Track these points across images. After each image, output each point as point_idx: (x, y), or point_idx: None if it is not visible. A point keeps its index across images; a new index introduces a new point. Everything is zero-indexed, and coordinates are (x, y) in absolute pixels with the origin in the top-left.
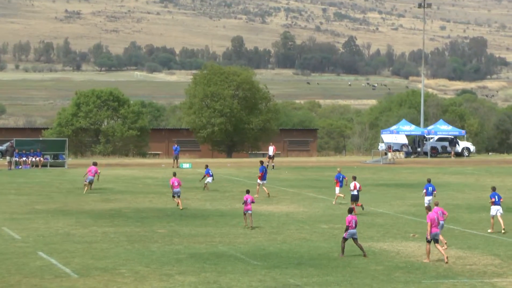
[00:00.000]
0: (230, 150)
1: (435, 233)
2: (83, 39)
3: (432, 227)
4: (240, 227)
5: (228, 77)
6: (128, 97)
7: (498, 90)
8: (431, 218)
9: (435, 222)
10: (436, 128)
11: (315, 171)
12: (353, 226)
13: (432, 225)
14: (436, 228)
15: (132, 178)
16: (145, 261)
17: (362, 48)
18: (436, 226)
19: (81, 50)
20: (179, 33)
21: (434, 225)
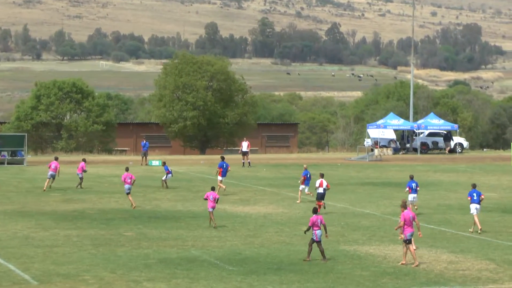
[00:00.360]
0: (203, 146)
1: (410, 233)
2: (44, 26)
3: (407, 226)
4: (214, 230)
5: (201, 67)
6: (93, 88)
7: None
8: (406, 217)
9: (409, 222)
10: (427, 122)
11: (295, 168)
12: (318, 226)
13: (405, 224)
14: (411, 228)
15: (97, 177)
16: (110, 267)
17: (347, 36)
18: (411, 225)
19: (41, 37)
20: (148, 19)
21: (408, 224)
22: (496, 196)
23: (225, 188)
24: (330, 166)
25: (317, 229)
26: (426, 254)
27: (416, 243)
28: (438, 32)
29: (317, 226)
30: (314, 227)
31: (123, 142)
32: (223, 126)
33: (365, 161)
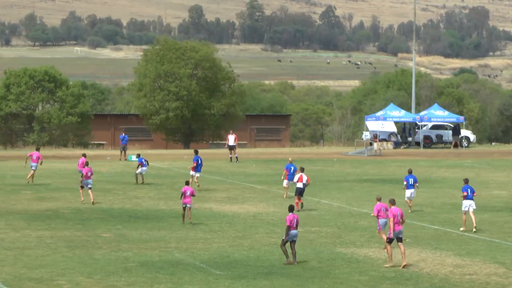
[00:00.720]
0: (187, 140)
1: (398, 231)
2: (13, 9)
3: (395, 224)
4: (199, 231)
5: (185, 53)
6: (67, 77)
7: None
8: (394, 214)
9: (397, 219)
10: (430, 114)
11: None
12: (293, 227)
13: (394, 221)
14: (400, 225)
15: (72, 173)
16: (87, 271)
17: (343, 20)
18: (399, 222)
19: (10, 21)
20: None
21: (396, 221)
22: (505, 194)
23: (198, 184)
24: (325, 161)
25: (292, 229)
26: (430, 257)
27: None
28: (442, 16)
29: (293, 226)
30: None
31: (100, 135)
32: (209, 118)
33: (363, 156)
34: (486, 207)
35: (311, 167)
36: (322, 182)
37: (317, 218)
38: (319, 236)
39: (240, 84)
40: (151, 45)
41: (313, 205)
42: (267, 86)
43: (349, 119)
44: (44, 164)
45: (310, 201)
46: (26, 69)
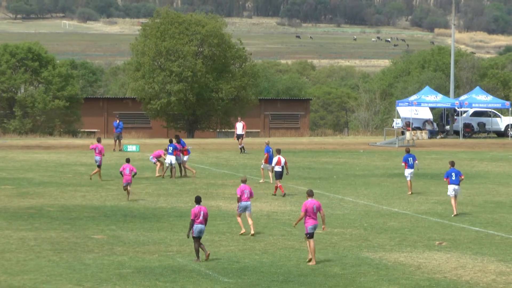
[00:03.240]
0: (191, 128)
1: (313, 226)
2: None
3: (309, 218)
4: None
5: (190, 28)
6: (54, 55)
7: None
8: (307, 207)
9: (312, 212)
10: (471, 99)
11: (307, 156)
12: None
13: (307, 215)
14: (314, 220)
15: (58, 165)
16: (76, 278)
17: None
18: (315, 217)
19: None
20: None
21: (310, 215)
22: None
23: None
24: (350, 153)
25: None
26: (469, 263)
27: (456, 249)
28: None
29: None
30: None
31: (91, 121)
32: (216, 103)
33: (394, 146)
34: None
35: (334, 159)
36: (347, 176)
37: (341, 218)
38: (343, 238)
39: (252, 63)
40: (151, 18)
41: (336, 203)
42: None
43: (377, 105)
44: (27, 155)
45: (333, 199)
46: (6, 45)
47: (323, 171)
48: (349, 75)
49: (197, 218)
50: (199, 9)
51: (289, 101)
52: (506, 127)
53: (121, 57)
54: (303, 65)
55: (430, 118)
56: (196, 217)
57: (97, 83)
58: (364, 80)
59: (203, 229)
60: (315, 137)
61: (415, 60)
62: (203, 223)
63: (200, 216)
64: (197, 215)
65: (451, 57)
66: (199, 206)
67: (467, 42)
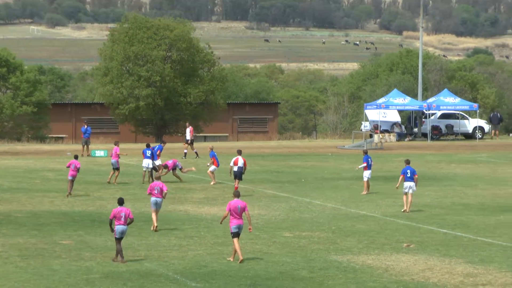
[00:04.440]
0: (160, 132)
1: (237, 226)
2: None
3: (233, 218)
4: (173, 237)
5: (158, 32)
6: (21, 60)
7: None
8: (232, 207)
9: (236, 212)
10: (439, 101)
11: (275, 159)
12: (238, 215)
13: (231, 215)
14: (238, 220)
15: (26, 171)
16: (44, 284)
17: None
18: (239, 217)
19: None
20: None
21: (234, 215)
22: None
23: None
24: (318, 156)
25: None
26: (437, 265)
27: (423, 251)
28: None
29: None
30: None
31: (59, 127)
32: (185, 107)
33: (363, 149)
34: (503, 207)
35: (303, 163)
36: (315, 180)
37: (309, 221)
38: (311, 242)
39: (221, 67)
40: (119, 23)
41: (305, 206)
42: (252, 70)
43: (346, 108)
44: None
45: (301, 202)
46: None
47: (292, 175)
48: (318, 79)
49: (118, 219)
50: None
51: (257, 105)
52: (474, 129)
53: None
54: (271, 69)
55: (398, 121)
56: (116, 218)
57: (65, 88)
58: (332, 83)
59: (125, 230)
60: (284, 140)
61: (384, 63)
62: (125, 224)
63: (122, 217)
64: (116, 216)
65: (419, 59)
66: (120, 207)
67: (436, 44)
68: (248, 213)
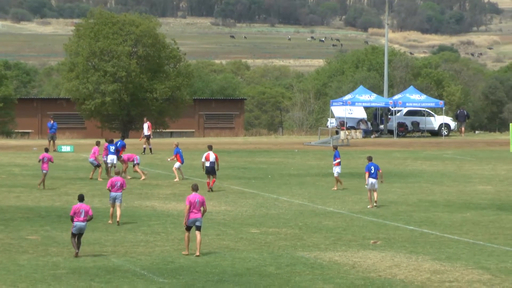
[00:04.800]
0: (126, 128)
1: (193, 219)
2: None
3: (191, 212)
4: (140, 233)
5: (123, 28)
6: None
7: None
8: (191, 201)
9: (195, 206)
10: (405, 98)
11: (241, 155)
12: (198, 209)
13: (191, 208)
14: (196, 214)
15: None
16: (10, 279)
17: None
18: (197, 211)
19: None
20: None
21: (193, 210)
22: (491, 189)
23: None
24: (285, 152)
25: (196, 212)
26: (404, 262)
27: (390, 248)
28: None
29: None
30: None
31: (25, 122)
32: (151, 103)
33: (328, 146)
34: (469, 205)
35: (269, 159)
36: (282, 176)
37: (276, 218)
38: (278, 238)
39: (186, 63)
40: (84, 18)
41: (271, 202)
42: (218, 66)
43: (312, 104)
44: None
45: (268, 198)
46: None
47: (258, 171)
48: (284, 75)
49: (77, 216)
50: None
51: (223, 101)
52: (440, 126)
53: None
54: (237, 65)
55: (364, 118)
56: (76, 214)
57: (31, 83)
58: (298, 80)
59: (84, 227)
60: (250, 137)
61: (349, 59)
62: (84, 221)
63: (81, 214)
64: (76, 212)
65: (384, 56)
66: (80, 204)
67: (401, 41)
68: (205, 207)
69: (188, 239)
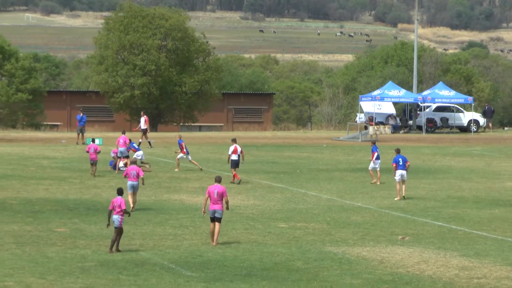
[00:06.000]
0: (155, 121)
1: (213, 211)
2: None
3: (211, 202)
4: (168, 227)
5: (153, 22)
6: (16, 48)
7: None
8: (210, 192)
9: (214, 197)
10: (434, 94)
11: (270, 150)
12: (218, 201)
13: (210, 199)
14: (214, 205)
15: (21, 158)
16: (39, 271)
17: None
18: (215, 202)
19: None
20: None
21: (212, 200)
22: None
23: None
24: (313, 147)
25: (215, 203)
26: (432, 258)
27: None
28: None
29: (215, 199)
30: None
31: (54, 115)
32: (180, 97)
33: (357, 141)
34: (498, 201)
35: (297, 154)
36: (310, 171)
37: (304, 213)
38: (306, 233)
39: (216, 57)
40: (114, 11)
41: (300, 197)
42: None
43: (341, 99)
44: None
45: (296, 193)
46: None
47: (287, 166)
48: (312, 70)
49: (115, 209)
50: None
51: (252, 95)
52: (469, 122)
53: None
54: (266, 59)
55: (393, 113)
56: (114, 207)
57: (60, 76)
58: (327, 75)
59: (116, 218)
60: (278, 131)
61: (378, 55)
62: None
63: (116, 207)
64: (114, 206)
65: (414, 52)
66: (116, 198)
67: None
68: (227, 198)
69: (212, 230)
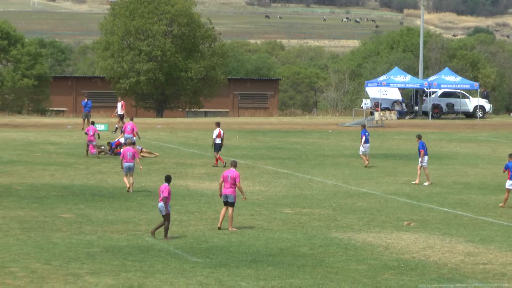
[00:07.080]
0: (160, 107)
1: (225, 195)
2: None
3: (224, 187)
4: (174, 212)
5: (159, 7)
6: (22, 33)
7: None
8: (224, 176)
9: (227, 181)
10: (440, 80)
11: (276, 136)
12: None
13: (224, 183)
14: (226, 189)
15: (27, 144)
16: (44, 256)
17: None
18: (228, 186)
19: None
20: None
21: (225, 184)
22: None
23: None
24: (319, 133)
25: (228, 187)
26: (438, 244)
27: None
28: None
29: (228, 183)
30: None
31: (60, 100)
32: (185, 82)
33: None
34: (503, 187)
35: (303, 140)
36: (316, 157)
37: (310, 198)
38: (311, 218)
39: (221, 43)
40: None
41: (305, 183)
42: (253, 45)
43: (346, 85)
44: None
45: (302, 179)
46: None
47: (292, 151)
48: (318, 56)
49: (226, 183)
50: None
51: (258, 81)
52: (475, 108)
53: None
54: (272, 45)
55: (399, 99)
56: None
57: (65, 62)
58: (333, 61)
59: (161, 206)
60: (284, 117)
61: (384, 40)
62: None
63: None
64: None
65: (420, 38)
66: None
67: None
68: (239, 184)
69: (223, 213)
